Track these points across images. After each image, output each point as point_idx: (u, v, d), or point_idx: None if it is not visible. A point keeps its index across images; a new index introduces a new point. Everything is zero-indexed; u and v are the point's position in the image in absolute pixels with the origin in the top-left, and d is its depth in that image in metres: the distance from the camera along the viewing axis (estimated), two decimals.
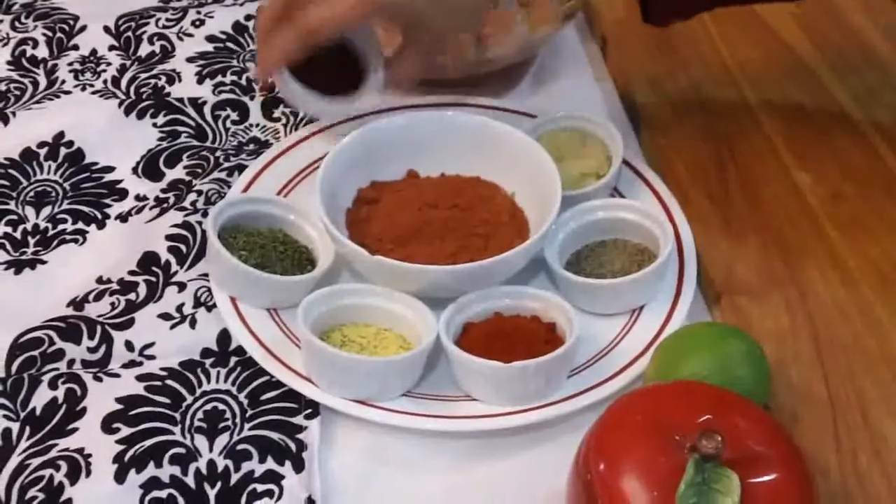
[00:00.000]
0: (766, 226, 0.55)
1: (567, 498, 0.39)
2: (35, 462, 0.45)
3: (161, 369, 0.49)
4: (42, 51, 0.68)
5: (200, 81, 0.65)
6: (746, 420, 0.37)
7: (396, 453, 0.46)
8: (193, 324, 0.51)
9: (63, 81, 0.65)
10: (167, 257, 0.54)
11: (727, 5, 0.61)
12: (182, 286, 0.53)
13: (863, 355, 0.47)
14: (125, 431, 0.46)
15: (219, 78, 0.65)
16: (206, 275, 0.53)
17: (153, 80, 0.65)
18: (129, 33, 0.69)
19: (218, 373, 0.49)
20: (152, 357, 0.50)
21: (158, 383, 0.48)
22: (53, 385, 0.48)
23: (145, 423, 0.46)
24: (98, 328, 0.51)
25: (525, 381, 0.46)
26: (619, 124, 0.62)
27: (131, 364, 0.49)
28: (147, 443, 0.46)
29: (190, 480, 0.44)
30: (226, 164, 0.59)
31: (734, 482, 0.34)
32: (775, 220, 0.56)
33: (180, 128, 0.62)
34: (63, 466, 0.45)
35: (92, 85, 0.65)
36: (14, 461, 0.45)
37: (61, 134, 0.61)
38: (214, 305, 0.51)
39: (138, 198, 0.58)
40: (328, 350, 0.46)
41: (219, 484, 0.44)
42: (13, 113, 0.63)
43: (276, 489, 0.44)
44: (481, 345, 0.47)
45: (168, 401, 0.47)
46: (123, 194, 0.58)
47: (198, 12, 0.70)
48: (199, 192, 0.57)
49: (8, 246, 0.56)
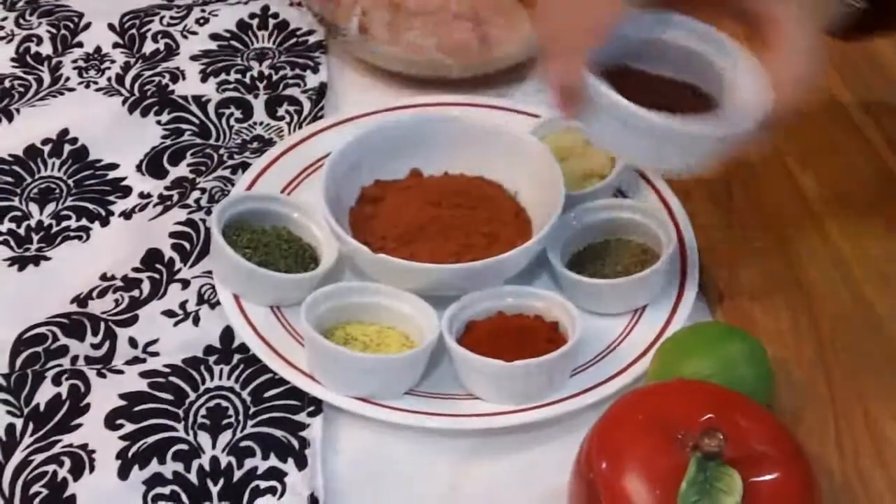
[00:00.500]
0: (769, 226, 0.56)
1: (569, 496, 0.39)
2: (38, 458, 0.45)
3: (164, 366, 0.49)
4: (46, 48, 0.68)
5: (204, 79, 0.65)
6: (749, 419, 0.37)
7: (399, 451, 0.46)
8: (197, 321, 0.51)
9: (67, 79, 0.65)
10: (171, 255, 0.54)
11: None
12: (186, 283, 0.53)
13: (865, 356, 0.47)
14: (128, 428, 0.46)
15: (223, 76, 0.65)
16: (210, 272, 0.53)
17: (157, 78, 0.65)
18: (134, 31, 0.69)
19: (221, 370, 0.49)
20: (156, 354, 0.50)
21: (162, 380, 0.48)
22: (57, 381, 0.48)
23: (149, 420, 0.46)
24: (102, 325, 0.51)
25: (527, 380, 0.46)
26: None
27: (135, 361, 0.49)
28: (150, 439, 0.46)
29: (193, 477, 0.45)
30: (230, 162, 0.59)
31: (736, 481, 0.34)
32: (778, 221, 0.56)
33: (184, 125, 0.62)
34: (66, 462, 0.45)
35: (96, 82, 0.65)
36: (18, 457, 0.45)
37: (65, 131, 0.61)
38: (218, 303, 0.51)
39: (142, 195, 0.58)
40: (331, 347, 0.46)
41: (222, 480, 0.44)
42: (17, 110, 0.63)
43: (279, 486, 0.44)
44: (484, 343, 0.48)
45: (171, 398, 0.47)
46: (127, 191, 0.58)
47: (202, 10, 0.70)
48: (203, 190, 0.58)
49: (12, 242, 0.56)
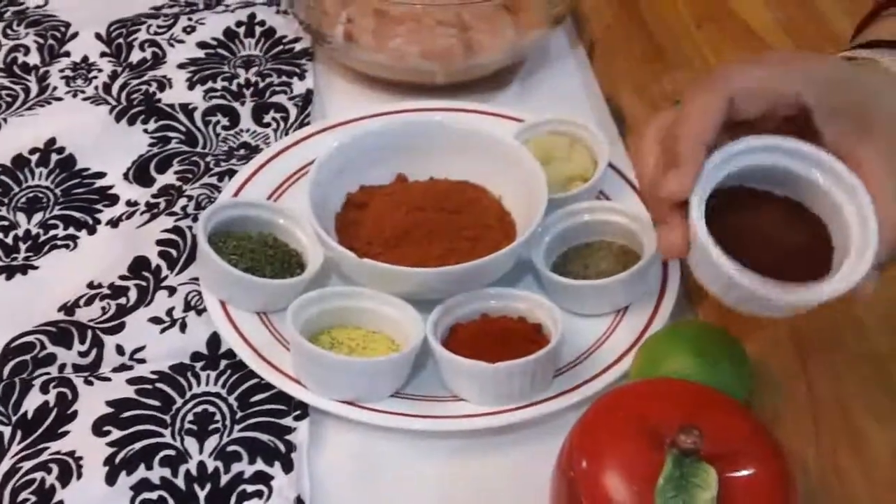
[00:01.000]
0: None
1: (550, 495, 0.39)
2: (27, 465, 0.45)
3: (152, 373, 0.49)
4: (34, 57, 0.68)
5: (191, 87, 0.66)
6: (726, 416, 0.37)
7: (384, 453, 0.47)
8: (184, 328, 0.51)
9: (55, 88, 0.66)
10: (158, 262, 0.55)
11: None
12: (172, 290, 0.53)
13: (843, 354, 0.47)
14: (116, 434, 0.46)
15: (209, 84, 0.66)
16: (197, 279, 0.53)
17: (144, 87, 0.66)
18: (121, 40, 0.69)
19: (208, 376, 0.49)
20: (143, 361, 0.50)
21: (149, 387, 0.49)
22: (45, 389, 0.48)
23: (136, 426, 0.47)
24: (89, 332, 0.51)
25: (510, 381, 0.46)
26: (606, 128, 0.62)
27: (122, 368, 0.50)
28: (137, 445, 0.46)
29: (180, 482, 0.45)
30: (216, 170, 0.60)
31: (712, 476, 0.34)
32: None
33: (171, 133, 0.63)
34: (54, 469, 0.45)
35: (83, 91, 0.66)
36: (6, 464, 0.45)
37: (53, 140, 0.62)
38: (205, 309, 0.52)
39: (129, 203, 0.58)
40: (316, 351, 0.47)
41: (209, 485, 0.45)
42: (5, 119, 0.63)
43: (266, 490, 0.45)
44: (468, 346, 0.48)
45: (158, 404, 0.48)
46: (114, 200, 0.59)
47: (189, 19, 0.71)
48: (190, 198, 0.58)
49: (0, 252, 0.56)
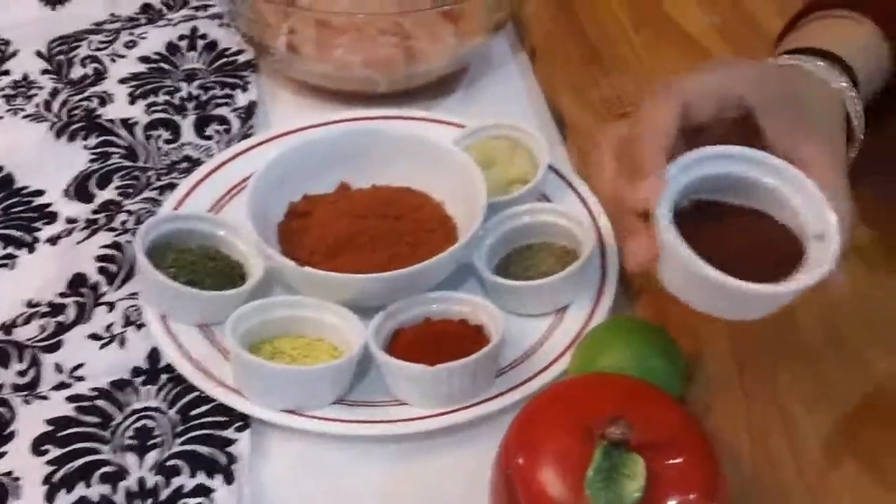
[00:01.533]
0: None
1: (489, 492, 0.39)
2: None
3: (91, 390, 0.49)
4: None
5: (133, 102, 0.65)
6: (657, 409, 0.38)
7: (328, 460, 0.46)
8: (123, 343, 0.51)
9: None
10: (97, 278, 0.54)
11: None
12: (111, 306, 0.53)
13: (775, 347, 0.48)
14: (55, 452, 0.46)
15: (151, 98, 0.66)
16: (136, 294, 0.53)
17: (85, 103, 0.65)
18: (62, 56, 0.69)
19: (148, 390, 0.49)
20: (82, 378, 0.49)
21: (88, 404, 0.48)
22: None
23: (75, 444, 0.46)
24: (27, 352, 0.51)
25: (451, 383, 0.47)
26: (547, 132, 0.63)
27: (61, 386, 0.49)
28: (76, 463, 0.45)
29: (120, 498, 0.44)
30: (157, 184, 0.59)
31: (640, 466, 0.35)
32: None
33: (111, 149, 0.62)
34: None
35: (23, 109, 0.65)
36: None
37: None
38: (144, 324, 0.51)
39: (69, 220, 0.58)
40: (255, 361, 0.46)
41: (149, 501, 0.44)
42: None
43: (207, 502, 0.44)
44: (411, 350, 0.48)
45: (98, 420, 0.47)
46: (54, 217, 0.58)
47: (130, 34, 0.71)
48: (130, 213, 0.58)
49: None
